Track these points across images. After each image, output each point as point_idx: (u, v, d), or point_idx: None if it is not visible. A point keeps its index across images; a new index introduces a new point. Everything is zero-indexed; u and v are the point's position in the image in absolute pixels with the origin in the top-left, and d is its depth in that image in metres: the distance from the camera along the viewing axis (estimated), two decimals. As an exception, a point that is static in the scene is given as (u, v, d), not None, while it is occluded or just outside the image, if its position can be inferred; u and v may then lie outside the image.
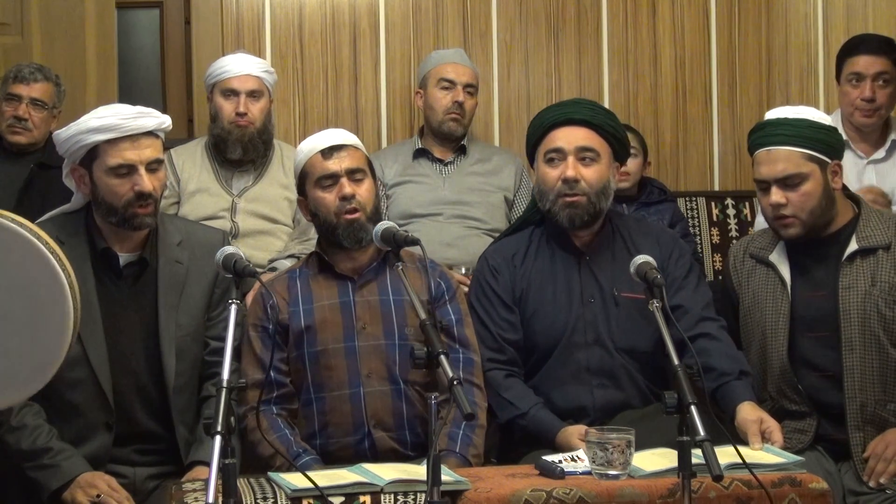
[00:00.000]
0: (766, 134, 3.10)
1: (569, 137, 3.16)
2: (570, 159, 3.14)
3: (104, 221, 2.97)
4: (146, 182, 2.90)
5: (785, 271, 3.14)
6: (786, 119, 3.09)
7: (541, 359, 3.18)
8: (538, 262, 3.23)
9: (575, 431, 2.95)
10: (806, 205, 3.05)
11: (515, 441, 3.15)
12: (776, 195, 3.05)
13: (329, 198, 3.04)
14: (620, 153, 3.26)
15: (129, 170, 2.90)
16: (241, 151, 3.95)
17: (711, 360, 3.04)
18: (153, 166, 2.94)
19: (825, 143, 3.07)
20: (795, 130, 3.06)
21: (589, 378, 3.14)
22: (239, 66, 3.97)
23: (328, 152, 3.06)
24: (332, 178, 3.05)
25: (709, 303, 3.18)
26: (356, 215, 3.01)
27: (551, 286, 3.19)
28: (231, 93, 3.96)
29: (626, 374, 3.14)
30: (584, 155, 3.15)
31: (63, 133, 2.94)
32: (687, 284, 3.19)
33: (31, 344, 2.38)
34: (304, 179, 3.10)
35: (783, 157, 3.05)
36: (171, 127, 3.02)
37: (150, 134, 2.94)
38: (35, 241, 2.36)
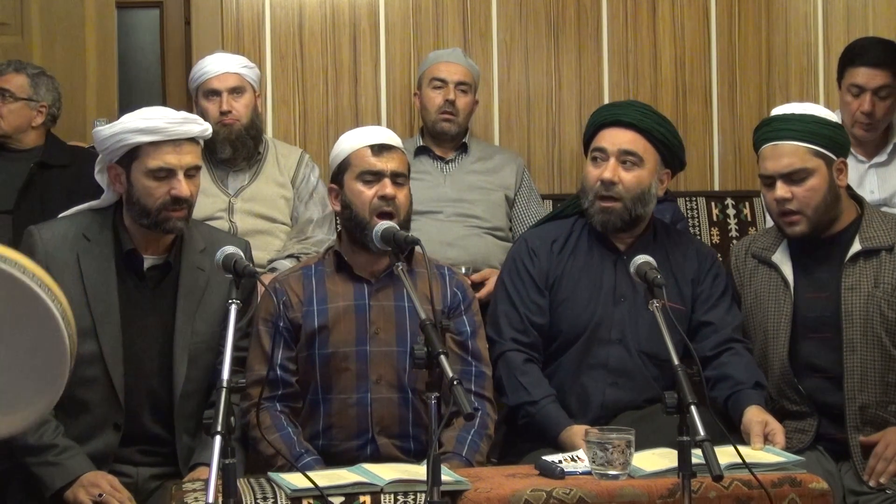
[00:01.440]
0: (772, 129, 3.09)
1: (614, 139, 3.16)
2: (612, 161, 3.14)
3: (134, 222, 2.97)
4: (184, 187, 2.91)
5: (788, 272, 3.13)
6: (792, 115, 3.09)
7: (562, 348, 3.18)
8: (577, 252, 3.23)
9: (579, 431, 2.95)
10: (811, 200, 3.04)
11: (518, 431, 3.16)
12: (781, 190, 3.05)
13: (368, 193, 3.01)
14: (671, 160, 3.24)
15: (168, 173, 2.91)
16: (230, 150, 3.94)
17: (729, 370, 3.06)
18: (191, 172, 2.95)
19: (831, 139, 3.06)
20: (802, 126, 3.05)
21: (605, 375, 3.14)
22: (217, 66, 3.97)
23: (378, 149, 3.03)
24: (377, 176, 3.02)
25: (739, 325, 3.18)
26: (390, 220, 2.93)
27: (585, 278, 3.20)
28: (213, 93, 3.95)
29: (643, 378, 3.14)
30: (626, 158, 3.15)
31: (105, 130, 2.95)
32: (721, 303, 3.20)
33: (32, 370, 2.37)
34: (345, 169, 3.06)
35: (789, 152, 3.05)
36: (211, 135, 3.03)
37: (192, 140, 2.95)
38: (20, 276, 2.33)
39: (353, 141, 3.08)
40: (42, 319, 2.33)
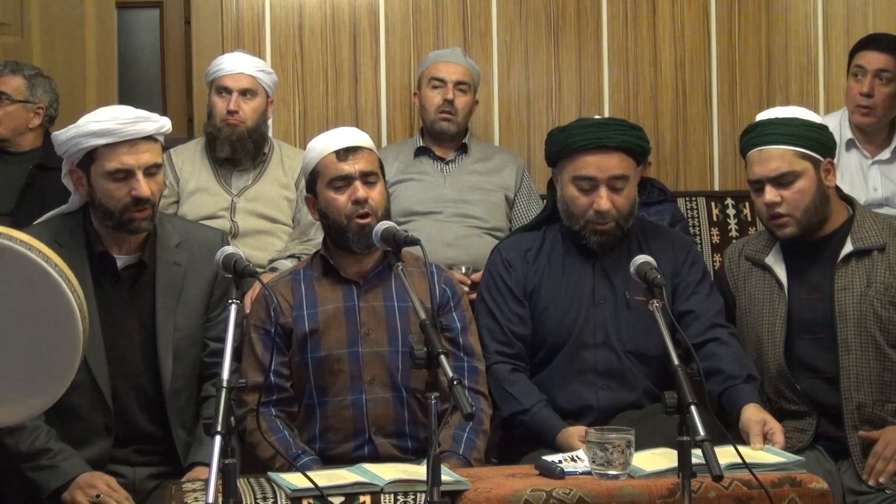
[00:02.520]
0: (758, 134, 3.10)
1: (601, 166, 3.09)
2: (603, 190, 3.09)
3: (101, 224, 2.96)
4: (143, 187, 2.89)
5: (781, 274, 3.13)
6: (777, 119, 3.10)
7: (548, 356, 3.18)
8: (552, 260, 3.22)
9: (575, 432, 2.95)
10: (800, 203, 3.05)
11: (515, 438, 3.15)
12: (770, 194, 3.05)
13: (341, 200, 3.01)
14: (643, 160, 3.25)
15: (126, 174, 2.89)
16: (229, 150, 3.93)
17: (720, 364, 3.05)
18: (151, 171, 2.92)
19: (817, 140, 3.07)
20: (787, 129, 3.06)
21: (595, 379, 3.13)
22: (233, 65, 3.97)
23: (343, 154, 3.03)
24: (346, 180, 3.02)
25: (720, 310, 3.17)
26: (367, 220, 2.97)
27: (563, 284, 3.19)
28: (224, 90, 3.95)
29: (633, 377, 3.14)
30: (615, 183, 3.11)
31: (62, 134, 2.93)
32: (700, 290, 3.18)
33: (42, 360, 2.38)
34: (316, 178, 3.06)
35: (776, 156, 3.05)
36: (170, 130, 3.00)
37: (149, 138, 2.92)
38: (44, 264, 2.35)
39: (318, 149, 3.07)
40: (57, 304, 2.34)
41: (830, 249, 3.11)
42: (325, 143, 3.07)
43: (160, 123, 2.94)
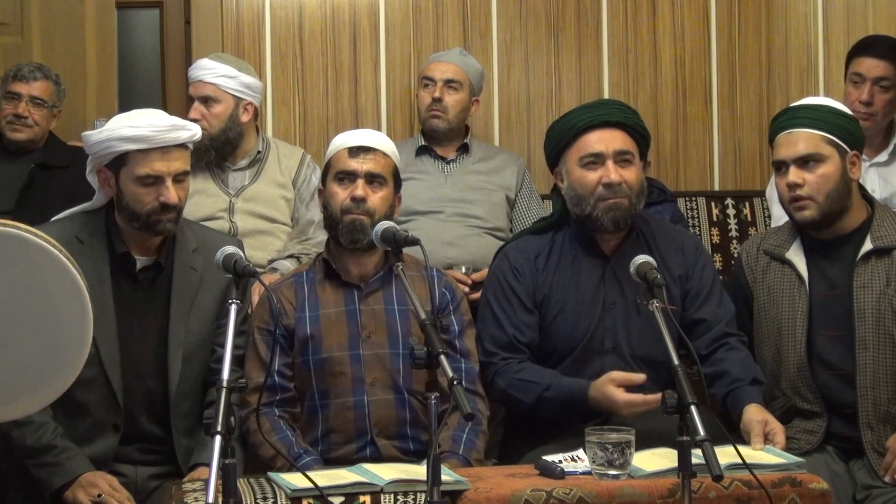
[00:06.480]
0: (788, 118, 3.13)
1: (605, 140, 3.10)
2: (610, 163, 3.09)
3: (126, 224, 2.97)
4: (172, 193, 2.91)
5: (802, 268, 3.13)
6: (808, 105, 3.13)
7: (555, 363, 3.14)
8: (561, 266, 3.18)
9: (606, 379, 2.93)
10: (823, 187, 3.05)
11: (517, 432, 3.14)
12: (793, 175, 3.06)
13: (341, 194, 3.04)
14: (644, 152, 3.23)
15: (156, 180, 2.90)
16: (194, 158, 3.91)
17: (726, 366, 3.04)
18: (180, 178, 2.94)
19: (845, 129, 3.08)
20: (817, 114, 3.08)
21: None
22: (197, 72, 3.95)
23: (355, 151, 3.06)
24: (350, 177, 3.04)
25: (732, 318, 3.16)
26: (358, 215, 3.00)
27: (574, 291, 3.15)
28: (190, 98, 3.96)
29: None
30: (621, 158, 3.10)
31: (94, 135, 2.93)
32: (711, 298, 3.16)
33: (51, 351, 2.38)
34: (327, 170, 3.12)
35: (803, 138, 3.07)
36: (200, 137, 3.02)
37: (181, 145, 2.94)
38: (53, 250, 2.35)
39: (336, 143, 3.13)
40: (69, 294, 2.34)
41: (850, 247, 3.11)
42: (344, 139, 3.12)
43: (193, 132, 2.97)
